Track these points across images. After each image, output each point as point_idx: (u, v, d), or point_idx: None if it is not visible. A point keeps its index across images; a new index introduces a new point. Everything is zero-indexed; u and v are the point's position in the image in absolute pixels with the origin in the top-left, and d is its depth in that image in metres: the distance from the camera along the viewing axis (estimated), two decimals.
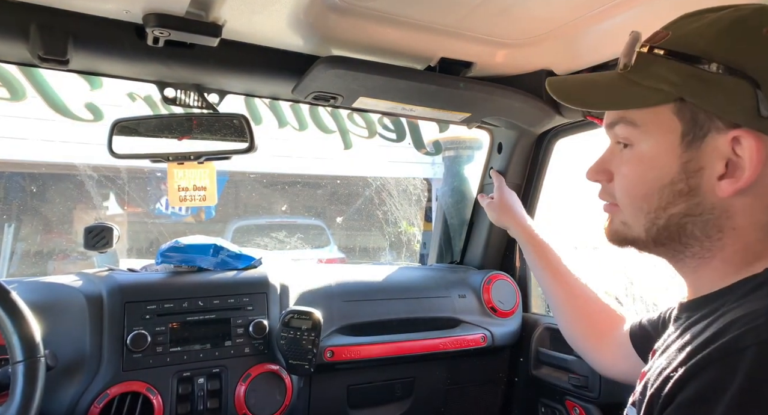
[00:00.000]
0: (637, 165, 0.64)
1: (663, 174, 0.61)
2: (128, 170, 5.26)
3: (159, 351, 1.13)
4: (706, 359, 0.50)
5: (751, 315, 0.51)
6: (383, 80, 1.17)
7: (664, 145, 0.61)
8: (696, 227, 0.61)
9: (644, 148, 0.63)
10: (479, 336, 1.46)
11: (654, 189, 0.62)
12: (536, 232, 1.29)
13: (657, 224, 0.63)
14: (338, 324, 1.33)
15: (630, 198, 0.65)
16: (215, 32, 1.01)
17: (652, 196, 0.62)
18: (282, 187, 6.93)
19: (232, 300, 1.22)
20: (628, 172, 0.65)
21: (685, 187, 0.60)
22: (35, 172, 5.39)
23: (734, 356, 0.48)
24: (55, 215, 5.46)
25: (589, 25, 1.06)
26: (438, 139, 2.01)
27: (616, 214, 0.68)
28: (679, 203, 0.61)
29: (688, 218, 0.61)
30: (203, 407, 1.14)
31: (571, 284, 1.16)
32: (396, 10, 1.01)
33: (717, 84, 0.56)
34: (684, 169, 0.60)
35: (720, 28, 0.58)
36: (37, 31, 0.96)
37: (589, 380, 1.28)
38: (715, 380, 0.48)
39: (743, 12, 0.58)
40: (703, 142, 0.58)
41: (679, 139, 0.60)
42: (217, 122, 1.22)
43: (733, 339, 0.49)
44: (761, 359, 0.46)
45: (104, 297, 1.12)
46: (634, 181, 0.64)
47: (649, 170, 0.62)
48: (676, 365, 0.53)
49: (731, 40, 0.57)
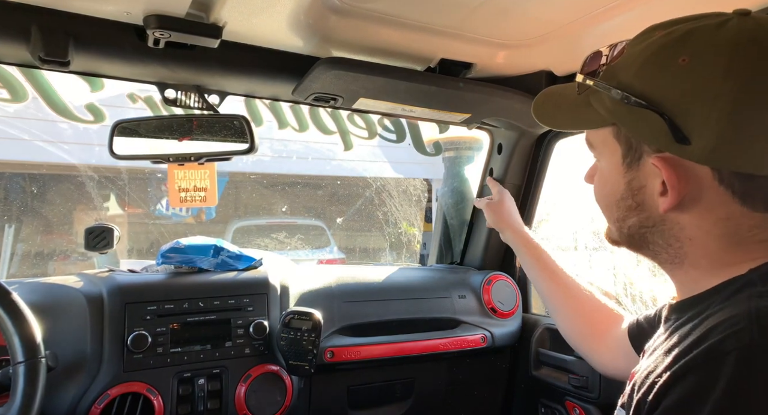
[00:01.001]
0: (598, 179, 0.71)
1: (614, 190, 0.67)
2: (129, 171, 5.26)
3: (159, 352, 1.13)
4: (689, 364, 0.51)
5: (732, 319, 0.51)
6: (383, 81, 1.17)
7: (612, 165, 0.67)
8: (655, 236, 0.65)
9: (602, 166, 0.70)
10: (479, 337, 1.46)
11: (611, 203, 0.68)
12: (531, 235, 1.31)
13: (623, 232, 0.69)
14: (338, 325, 1.33)
15: (602, 208, 0.72)
16: (216, 34, 1.01)
17: (611, 208, 0.69)
18: (282, 188, 6.93)
19: (232, 301, 1.22)
20: (595, 184, 0.73)
21: (633, 203, 0.65)
22: (36, 172, 5.40)
23: (716, 360, 0.49)
24: (55, 216, 5.46)
25: (589, 26, 1.06)
26: (438, 140, 2.01)
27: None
28: (632, 216, 0.66)
29: (644, 229, 0.66)
30: (203, 408, 1.14)
31: (567, 285, 1.17)
32: (396, 12, 1.01)
33: (637, 114, 0.60)
34: (629, 187, 0.65)
35: (645, 58, 0.60)
36: (38, 33, 0.97)
37: (589, 381, 1.28)
38: (697, 385, 0.49)
39: (672, 36, 0.59)
40: (640, 163, 0.63)
41: (620, 160, 0.65)
42: (218, 123, 1.22)
43: (714, 344, 0.50)
44: (742, 364, 0.47)
45: (105, 298, 1.12)
46: (598, 194, 0.72)
47: (605, 186, 0.69)
48: (662, 370, 0.54)
49: (650, 72, 0.60)
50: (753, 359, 0.47)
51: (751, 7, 0.60)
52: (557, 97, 0.75)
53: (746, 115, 0.54)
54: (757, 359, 0.47)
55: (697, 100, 0.55)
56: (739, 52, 0.54)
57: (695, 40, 0.57)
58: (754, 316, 0.50)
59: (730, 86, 0.54)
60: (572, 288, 1.16)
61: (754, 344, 0.48)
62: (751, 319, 0.50)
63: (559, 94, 0.75)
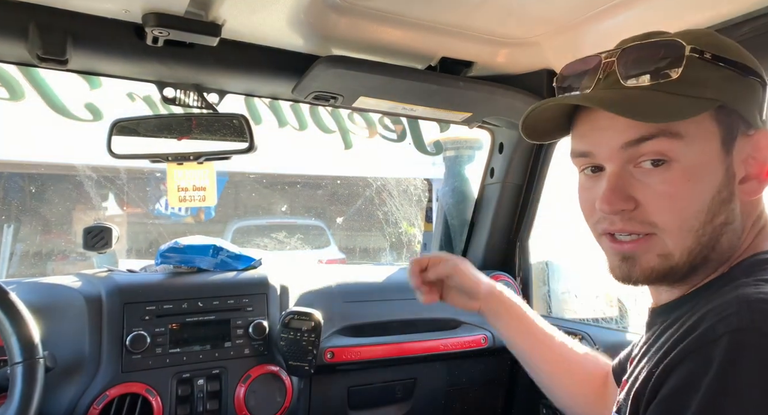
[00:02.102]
0: (686, 180, 0.58)
1: (711, 184, 0.59)
2: (127, 171, 5.26)
3: (158, 352, 1.12)
4: (682, 352, 0.52)
5: (722, 306, 0.52)
6: (384, 80, 1.16)
7: (709, 154, 0.59)
8: (729, 236, 0.60)
9: (688, 162, 0.58)
10: (480, 337, 1.45)
11: (705, 202, 0.59)
12: (505, 294, 1.01)
13: (701, 241, 0.59)
14: (338, 325, 1.33)
15: (682, 219, 0.59)
16: (215, 32, 1.01)
17: (702, 211, 0.59)
18: (282, 188, 6.93)
19: (231, 301, 1.21)
20: (674, 190, 0.58)
21: (727, 195, 0.59)
22: (34, 172, 5.39)
23: (708, 346, 0.49)
24: (54, 216, 5.46)
25: (591, 24, 1.05)
26: (439, 139, 2.01)
27: (650, 246, 0.61)
28: (722, 212, 0.59)
29: (725, 228, 0.60)
30: (203, 409, 1.13)
31: (557, 350, 0.99)
32: (396, 10, 1.01)
33: (747, 86, 0.59)
34: (726, 175, 0.59)
35: (718, 37, 0.61)
36: (36, 31, 0.96)
37: None
38: (692, 370, 0.50)
39: (701, 31, 0.64)
40: (734, 146, 0.59)
41: (720, 145, 0.59)
42: (217, 122, 1.21)
43: (706, 330, 0.51)
44: (733, 348, 0.48)
45: (103, 298, 1.12)
46: (686, 198, 0.58)
47: (698, 183, 0.58)
48: (656, 362, 0.55)
49: (732, 47, 0.61)
50: (743, 342, 0.48)
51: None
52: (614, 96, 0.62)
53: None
54: (747, 342, 0.48)
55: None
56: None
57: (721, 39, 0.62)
58: (742, 301, 0.51)
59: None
60: (564, 353, 0.98)
61: (743, 327, 0.49)
62: (739, 304, 0.51)
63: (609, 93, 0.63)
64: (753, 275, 0.56)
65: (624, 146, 0.60)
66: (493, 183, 1.64)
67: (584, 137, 0.66)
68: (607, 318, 2.14)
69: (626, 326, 2.07)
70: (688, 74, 0.58)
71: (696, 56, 0.58)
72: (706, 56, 0.58)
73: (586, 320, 1.78)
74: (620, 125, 0.60)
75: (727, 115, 0.59)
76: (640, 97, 0.59)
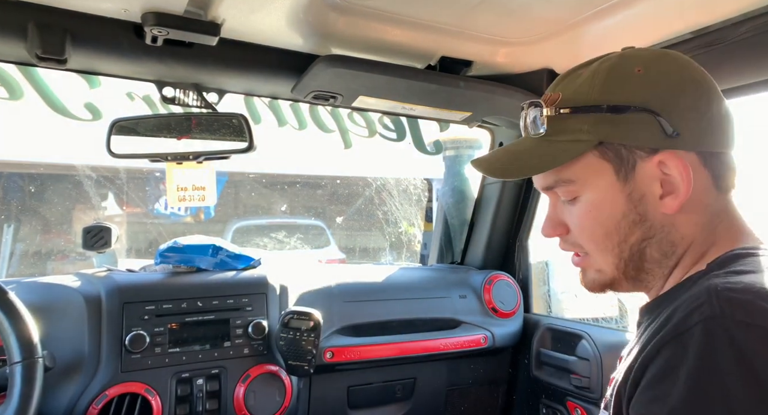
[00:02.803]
0: (588, 212, 0.69)
1: (614, 211, 0.67)
2: (127, 170, 5.25)
3: (158, 352, 1.12)
4: (659, 343, 0.54)
5: (692, 298, 0.55)
6: (383, 79, 1.16)
7: (605, 187, 0.67)
8: (653, 248, 0.67)
9: (590, 197, 0.68)
10: (480, 337, 1.45)
11: (611, 227, 0.67)
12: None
13: (623, 256, 0.68)
14: (338, 325, 1.33)
15: (594, 242, 0.70)
16: (214, 31, 1.01)
17: (612, 234, 0.68)
18: (281, 188, 6.92)
19: (231, 301, 1.21)
20: (582, 221, 0.70)
21: (636, 216, 0.66)
22: (34, 172, 5.39)
23: (683, 336, 0.52)
24: (53, 216, 5.45)
25: (590, 24, 1.05)
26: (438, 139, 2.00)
27: (588, 264, 0.73)
28: (635, 231, 0.67)
29: (645, 242, 0.67)
30: (202, 408, 1.13)
31: None
32: (396, 9, 1.00)
33: (623, 121, 0.64)
34: (630, 201, 0.66)
35: (602, 79, 0.66)
36: (35, 30, 0.96)
37: (590, 381, 1.27)
38: (668, 360, 0.53)
39: (611, 61, 0.68)
40: (635, 172, 0.65)
41: (614, 177, 0.66)
42: (216, 122, 1.21)
43: (679, 321, 0.54)
44: (707, 335, 0.51)
45: (103, 298, 1.11)
46: (592, 227, 0.69)
47: (600, 213, 0.68)
48: (635, 356, 0.58)
49: (615, 84, 0.66)
50: (716, 328, 0.51)
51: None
52: (505, 154, 0.75)
53: (704, 101, 0.66)
54: (719, 329, 0.51)
55: (673, 96, 0.64)
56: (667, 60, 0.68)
57: (634, 57, 0.68)
58: (712, 291, 0.54)
59: (687, 82, 0.66)
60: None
61: (715, 314, 0.51)
62: (710, 294, 0.54)
63: (506, 151, 0.75)
64: (725, 267, 0.60)
65: (544, 190, 0.74)
66: (493, 183, 1.64)
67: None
68: (607, 318, 2.14)
69: (626, 326, 2.07)
70: (557, 127, 0.68)
71: (554, 115, 0.68)
72: (563, 112, 0.67)
73: (586, 320, 1.78)
74: (534, 175, 0.73)
75: (612, 151, 0.66)
76: (528, 152, 0.71)
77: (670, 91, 0.65)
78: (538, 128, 0.69)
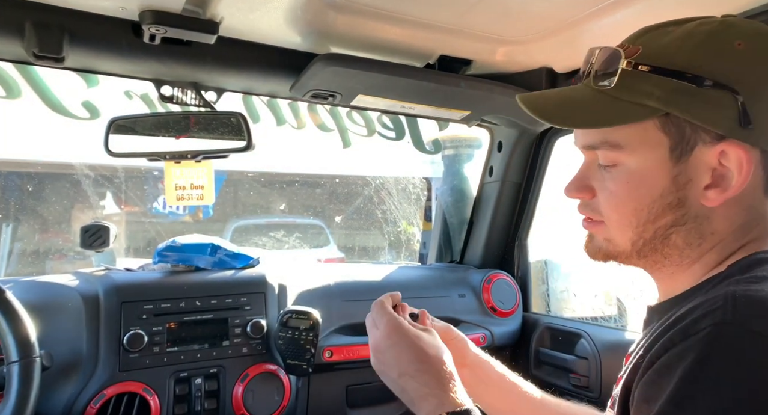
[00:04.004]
0: (626, 182, 0.63)
1: (653, 189, 0.62)
2: (125, 169, 5.25)
3: (156, 351, 1.12)
4: (668, 342, 0.53)
5: (710, 301, 0.53)
6: (382, 78, 1.16)
7: (653, 161, 0.62)
8: (679, 236, 0.63)
9: (632, 166, 0.63)
10: (479, 336, 1.45)
11: (644, 204, 0.62)
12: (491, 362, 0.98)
13: (644, 236, 0.64)
14: (337, 324, 1.32)
15: (619, 214, 0.64)
16: (212, 29, 1.00)
17: (641, 211, 0.63)
18: (280, 187, 6.92)
19: (229, 300, 1.21)
20: (616, 189, 0.64)
21: (674, 200, 0.61)
22: (32, 171, 5.38)
23: (691, 337, 0.51)
24: (52, 215, 5.44)
25: (589, 23, 1.05)
26: (437, 138, 2.00)
27: (599, 230, 0.68)
28: (667, 215, 0.62)
29: (674, 228, 0.62)
30: (201, 408, 1.13)
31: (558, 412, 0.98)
32: (395, 7, 1.00)
33: (702, 97, 0.58)
34: (674, 183, 0.61)
35: (695, 43, 0.59)
36: (33, 29, 0.95)
37: (589, 380, 1.27)
38: (671, 358, 0.51)
39: (711, 26, 0.60)
40: (691, 155, 0.60)
41: (667, 153, 0.61)
42: (215, 120, 1.21)
43: (690, 323, 0.52)
44: (713, 339, 0.49)
45: (101, 297, 1.11)
46: (624, 198, 0.64)
47: (638, 187, 0.63)
48: (643, 354, 0.57)
49: (709, 54, 0.59)
50: (722, 335, 0.49)
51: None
52: (559, 97, 0.69)
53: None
54: (727, 335, 0.49)
55: (764, 83, 0.58)
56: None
57: (737, 28, 0.60)
58: (730, 297, 0.51)
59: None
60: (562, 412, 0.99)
61: (727, 321, 0.49)
62: (726, 300, 0.51)
63: (559, 95, 0.70)
64: (747, 272, 0.57)
65: (584, 148, 0.68)
66: (492, 182, 1.64)
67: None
68: (606, 317, 2.14)
69: (625, 325, 2.07)
70: (627, 84, 0.61)
71: (629, 69, 0.61)
72: (641, 69, 0.60)
73: (585, 319, 1.78)
74: (576, 131, 0.68)
75: (676, 126, 0.60)
76: (583, 102, 0.64)
77: (765, 76, 0.58)
78: (605, 79, 0.62)
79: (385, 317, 0.82)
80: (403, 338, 0.78)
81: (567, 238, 1.98)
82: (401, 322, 0.81)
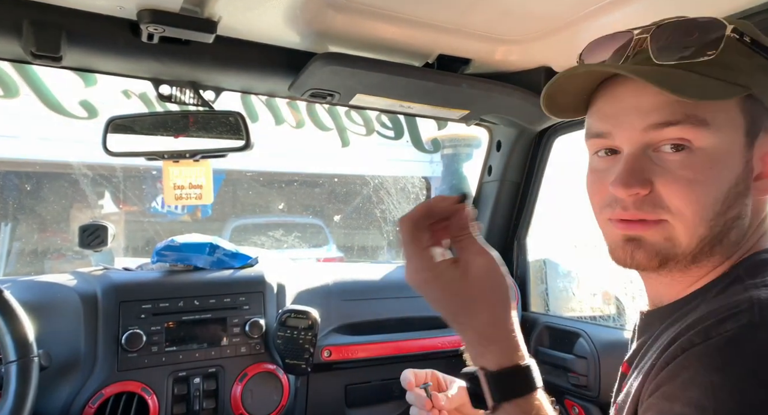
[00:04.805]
0: (709, 167, 0.55)
1: (732, 175, 0.56)
2: (124, 169, 5.24)
3: (154, 351, 1.11)
4: (685, 343, 0.51)
5: (731, 304, 0.51)
6: (381, 77, 1.16)
7: (731, 144, 0.56)
8: (736, 231, 0.58)
9: (714, 148, 0.55)
10: None
11: (723, 192, 0.56)
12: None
13: (713, 232, 0.57)
14: (336, 323, 1.32)
15: (699, 205, 0.56)
16: (210, 28, 1.00)
17: (719, 201, 0.56)
18: (279, 186, 6.92)
19: (228, 299, 1.21)
20: (697, 176, 0.55)
21: (743, 189, 0.57)
22: (30, 170, 5.37)
23: (712, 339, 0.49)
24: (50, 214, 5.44)
25: (588, 21, 1.05)
26: (436, 137, 2.00)
27: (657, 231, 0.58)
28: (736, 206, 0.57)
29: (736, 222, 0.57)
30: (199, 408, 1.13)
31: None
32: (393, 6, 1.00)
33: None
34: (746, 169, 0.57)
35: (754, 28, 0.57)
36: (30, 28, 0.95)
37: (588, 380, 1.27)
38: (689, 359, 0.50)
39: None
40: (758, 140, 0.57)
41: (743, 136, 0.56)
42: (213, 120, 1.21)
43: (711, 325, 0.50)
44: (735, 341, 0.48)
45: (99, 296, 1.11)
46: (707, 185, 0.56)
47: (721, 171, 0.56)
48: (656, 357, 0.55)
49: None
50: (747, 338, 0.48)
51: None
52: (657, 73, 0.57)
53: None
54: (751, 338, 0.48)
55: None
56: None
57: None
58: (755, 302, 0.50)
59: None
60: None
61: (753, 324, 0.48)
62: (752, 304, 0.50)
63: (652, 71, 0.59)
64: (758, 276, 0.55)
65: (646, 129, 0.57)
66: (491, 181, 1.64)
67: (605, 116, 0.61)
68: (605, 316, 2.14)
69: (624, 324, 2.07)
70: (723, 57, 0.55)
71: (736, 38, 0.55)
72: (745, 39, 0.56)
73: (584, 318, 1.78)
74: (646, 106, 0.56)
75: (753, 106, 0.56)
76: (674, 75, 0.55)
77: None
78: (703, 48, 0.55)
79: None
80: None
81: (566, 237, 1.98)
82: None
